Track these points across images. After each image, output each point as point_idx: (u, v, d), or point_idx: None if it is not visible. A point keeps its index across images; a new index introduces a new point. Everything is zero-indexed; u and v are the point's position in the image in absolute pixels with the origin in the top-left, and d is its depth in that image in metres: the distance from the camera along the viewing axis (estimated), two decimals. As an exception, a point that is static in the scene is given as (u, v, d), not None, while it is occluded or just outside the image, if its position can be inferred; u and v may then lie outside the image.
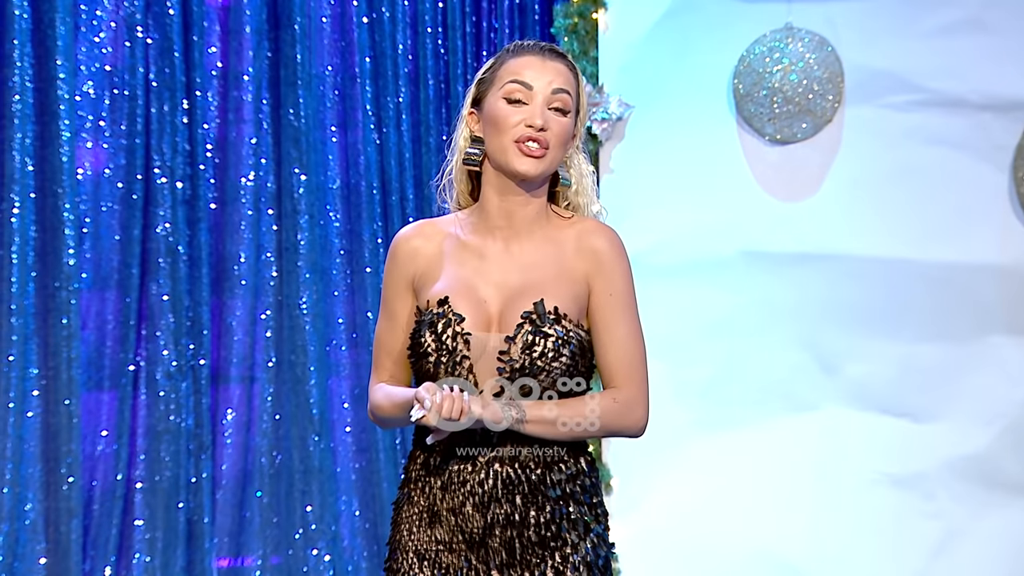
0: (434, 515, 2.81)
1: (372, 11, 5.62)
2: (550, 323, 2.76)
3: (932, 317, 5.45)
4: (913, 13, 5.42)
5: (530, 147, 2.78)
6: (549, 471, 2.79)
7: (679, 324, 5.44)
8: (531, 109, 2.79)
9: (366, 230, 5.59)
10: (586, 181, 2.91)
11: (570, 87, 2.82)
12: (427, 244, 2.87)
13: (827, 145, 5.47)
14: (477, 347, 2.77)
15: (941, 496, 5.45)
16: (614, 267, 2.84)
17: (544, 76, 2.81)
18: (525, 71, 2.81)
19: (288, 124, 5.49)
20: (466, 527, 2.79)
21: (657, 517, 5.46)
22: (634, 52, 5.47)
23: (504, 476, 2.77)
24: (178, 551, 5.30)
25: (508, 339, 2.76)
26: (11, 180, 5.12)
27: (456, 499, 2.79)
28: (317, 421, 5.45)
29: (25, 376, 5.14)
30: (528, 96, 2.80)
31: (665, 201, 5.48)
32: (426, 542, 2.82)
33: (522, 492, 2.77)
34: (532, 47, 2.85)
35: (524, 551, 2.78)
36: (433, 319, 2.78)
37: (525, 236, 2.84)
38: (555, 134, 2.80)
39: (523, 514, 2.77)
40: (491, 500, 2.77)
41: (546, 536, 2.78)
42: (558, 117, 2.81)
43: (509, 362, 2.76)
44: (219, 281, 5.48)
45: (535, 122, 2.78)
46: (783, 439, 5.47)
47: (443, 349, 2.77)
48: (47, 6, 5.17)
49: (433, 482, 2.81)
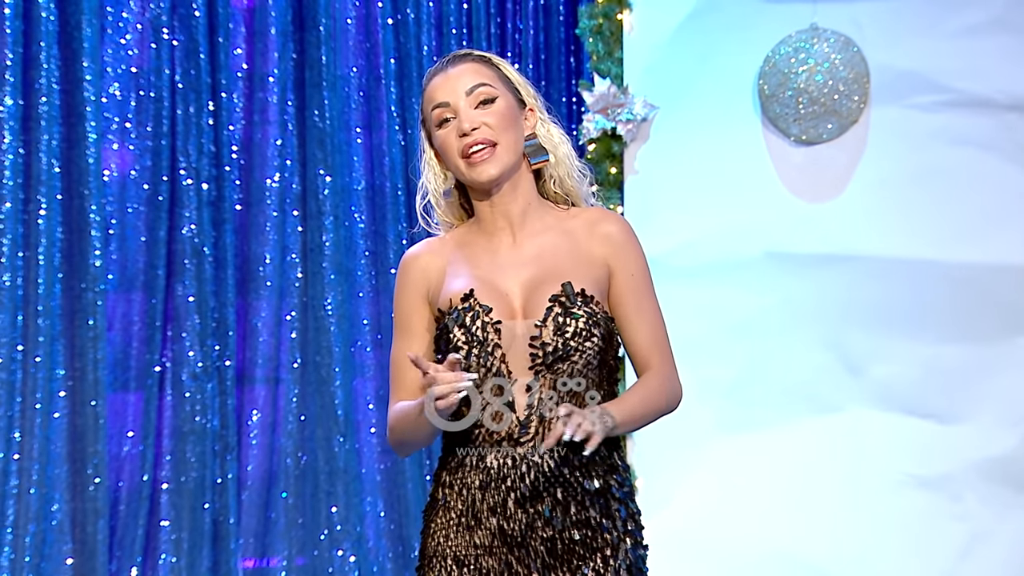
0: (474, 518, 2.79)
1: (397, 12, 5.63)
2: (579, 304, 2.77)
3: (957, 318, 5.43)
4: (939, 13, 5.40)
5: (475, 154, 2.80)
6: (590, 465, 2.79)
7: (703, 325, 5.43)
8: (458, 119, 2.80)
9: (391, 231, 5.60)
10: (561, 149, 2.90)
11: (483, 77, 2.83)
12: (436, 258, 2.88)
13: (852, 146, 5.45)
14: (507, 335, 2.77)
15: (967, 498, 5.42)
16: (630, 249, 2.86)
17: (452, 85, 2.82)
18: (437, 92, 2.83)
19: (313, 125, 5.50)
20: (507, 526, 2.77)
21: (682, 518, 5.45)
22: (659, 53, 5.47)
23: (545, 470, 2.76)
24: (204, 552, 5.31)
25: (538, 324, 2.76)
26: (38, 182, 5.15)
27: (497, 497, 2.77)
28: (342, 422, 5.46)
29: (52, 377, 5.16)
30: (452, 111, 2.81)
31: (690, 202, 5.47)
32: (465, 547, 2.80)
33: (563, 486, 2.77)
34: (436, 68, 2.87)
35: (565, 551, 2.77)
36: (460, 314, 2.78)
37: (529, 230, 2.85)
38: (491, 124, 2.80)
39: (565, 509, 2.76)
40: (533, 495, 2.76)
41: (587, 535, 2.77)
42: (486, 108, 2.81)
43: (541, 347, 2.75)
44: (244, 282, 5.49)
45: (463, 127, 2.79)
46: (807, 440, 5.46)
47: (474, 341, 2.76)
48: (73, 8, 5.19)
49: (471, 482, 2.80)
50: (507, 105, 2.83)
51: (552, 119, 2.91)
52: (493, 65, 2.85)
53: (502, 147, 2.80)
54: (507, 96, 2.83)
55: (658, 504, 5.39)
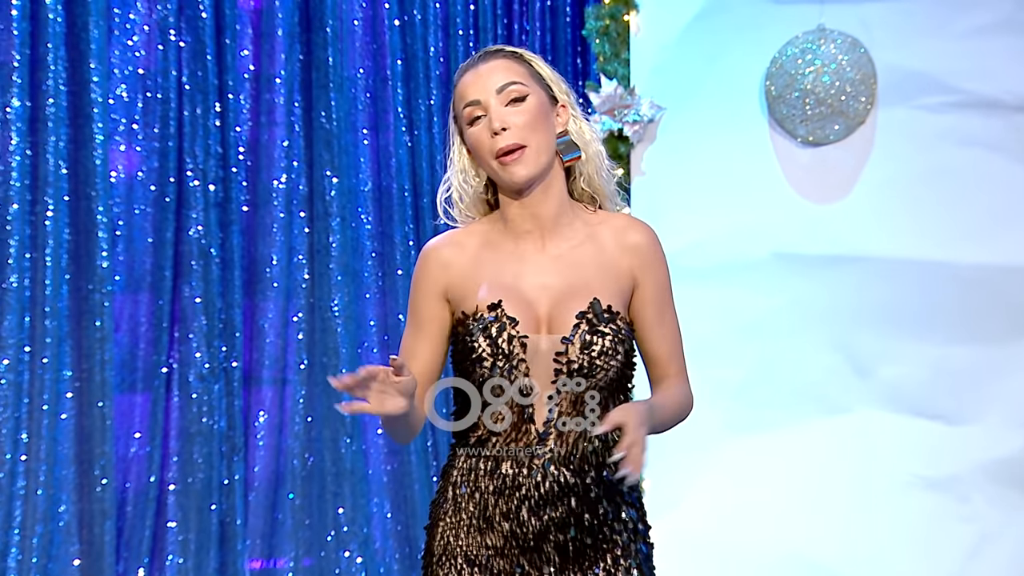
0: (486, 521, 2.79)
1: (404, 14, 5.63)
2: (605, 322, 2.76)
3: (965, 319, 5.43)
4: (946, 14, 5.39)
5: (506, 157, 2.77)
6: (603, 471, 2.79)
7: (711, 326, 5.42)
8: (489, 118, 2.78)
9: (397, 232, 5.60)
10: (593, 146, 2.88)
11: (514, 74, 2.80)
12: (459, 253, 2.84)
13: (860, 147, 5.45)
14: (531, 350, 2.75)
15: (975, 499, 5.42)
16: (656, 259, 2.85)
17: (483, 83, 2.79)
18: (468, 90, 2.80)
19: (320, 127, 5.51)
20: (520, 532, 2.77)
21: (690, 519, 5.45)
22: (666, 54, 5.47)
23: (559, 479, 2.76)
24: (211, 553, 5.32)
25: (565, 340, 2.75)
26: (45, 183, 5.15)
27: (511, 504, 2.77)
28: (349, 423, 5.46)
29: (59, 378, 5.16)
30: (483, 108, 2.79)
31: (697, 203, 5.47)
32: (476, 547, 2.79)
33: (576, 494, 2.77)
34: (467, 64, 2.85)
35: (577, 553, 2.77)
36: (487, 324, 2.76)
37: (557, 234, 2.82)
38: (521, 123, 2.77)
39: (577, 516, 2.77)
40: (546, 504, 2.76)
41: (598, 538, 2.78)
42: (516, 107, 2.78)
43: (567, 363, 2.75)
44: (251, 283, 5.49)
45: (494, 127, 2.76)
46: (816, 441, 5.45)
47: (499, 353, 2.75)
48: (81, 10, 5.19)
49: (484, 487, 2.79)
50: (538, 103, 2.79)
51: (584, 115, 2.88)
52: (525, 61, 2.82)
53: (532, 148, 2.77)
54: (539, 93, 2.80)
55: (667, 505, 5.39)
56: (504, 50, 2.85)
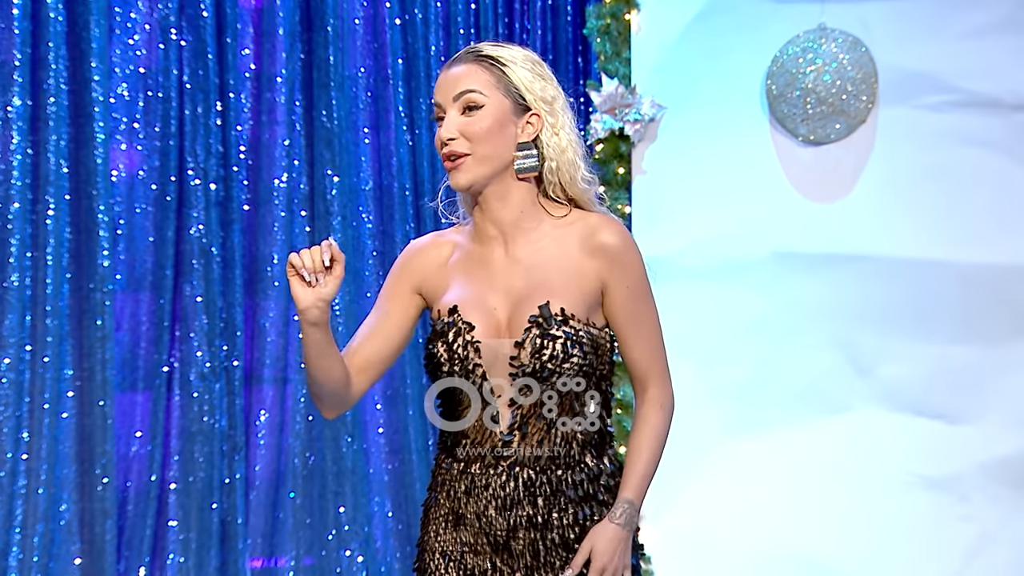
0: (459, 517, 2.83)
1: (405, 13, 5.63)
2: (557, 325, 2.76)
3: (966, 318, 5.43)
4: (947, 14, 5.39)
5: (448, 163, 2.79)
6: (570, 471, 2.80)
7: (711, 325, 5.43)
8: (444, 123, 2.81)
9: (398, 231, 5.60)
10: (566, 155, 2.84)
11: (475, 82, 2.79)
12: (438, 255, 2.88)
13: (860, 146, 5.45)
14: (488, 354, 2.77)
15: (975, 499, 5.42)
16: (626, 260, 2.81)
17: (447, 87, 2.81)
18: (436, 91, 2.83)
19: (321, 126, 5.50)
20: (490, 530, 2.80)
21: (689, 519, 5.45)
22: (667, 53, 5.47)
23: (525, 478, 2.79)
24: (212, 552, 5.32)
25: (517, 344, 2.76)
26: (46, 182, 5.15)
27: (479, 503, 2.81)
28: (350, 422, 5.46)
29: (60, 377, 5.16)
30: (442, 111, 2.81)
31: (698, 202, 5.47)
32: (451, 543, 2.84)
33: (544, 494, 2.79)
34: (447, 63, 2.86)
35: (547, 553, 2.79)
36: (444, 328, 2.79)
37: (522, 238, 2.83)
38: (469, 133, 2.78)
39: (545, 516, 2.79)
40: (513, 503, 2.79)
41: (569, 538, 2.79)
42: (469, 116, 2.78)
43: (520, 367, 2.76)
44: (252, 282, 5.49)
45: (441, 137, 2.79)
46: (816, 441, 5.46)
47: (455, 358, 2.77)
48: (82, 9, 5.19)
49: (458, 487, 2.83)
50: (493, 112, 2.78)
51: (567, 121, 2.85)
52: (497, 67, 2.81)
53: (474, 158, 2.78)
54: (499, 102, 2.79)
55: (666, 506, 5.39)
56: (480, 52, 2.83)
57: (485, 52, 2.83)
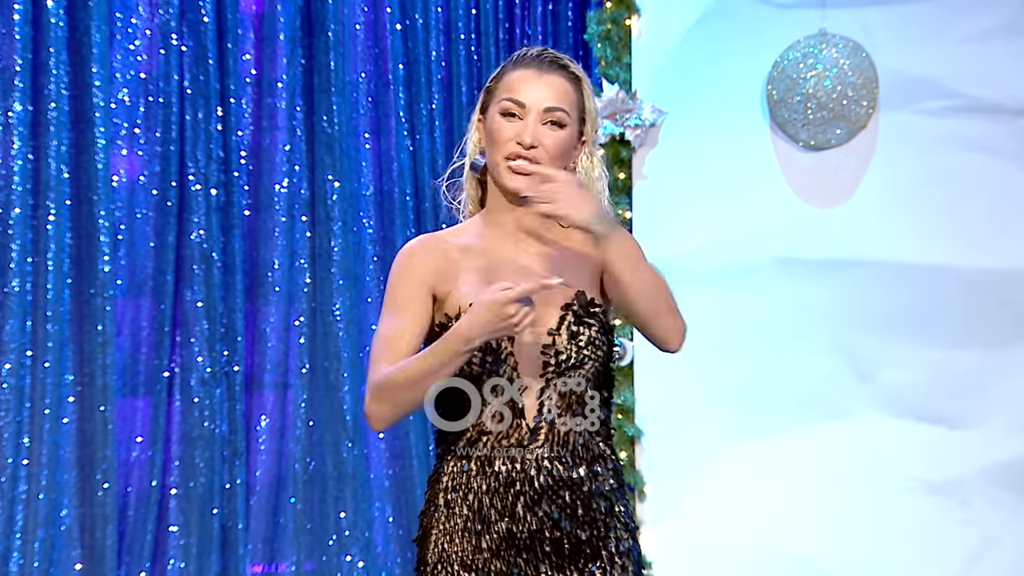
0: (481, 522, 2.79)
1: (405, 18, 5.63)
2: (591, 312, 2.78)
3: (967, 323, 5.42)
4: (948, 18, 5.39)
5: (519, 165, 2.77)
6: (594, 465, 2.80)
7: (713, 330, 5.42)
8: (523, 125, 2.78)
9: (399, 236, 5.60)
10: (596, 185, 2.88)
11: (566, 103, 2.80)
12: (438, 255, 2.85)
13: (861, 151, 5.45)
14: (517, 344, 2.76)
15: (977, 503, 5.41)
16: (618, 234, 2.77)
17: (537, 92, 2.79)
18: (520, 87, 2.80)
19: (321, 131, 5.51)
20: (516, 529, 2.77)
21: (691, 523, 5.45)
22: (667, 58, 5.47)
23: (553, 473, 2.77)
24: (212, 557, 5.31)
25: (552, 332, 2.76)
26: (47, 187, 5.15)
27: (506, 501, 2.77)
28: (351, 427, 5.46)
29: (60, 382, 5.16)
30: (522, 112, 2.79)
31: (698, 207, 5.47)
32: (472, 552, 2.79)
33: (570, 487, 2.78)
34: (531, 59, 2.83)
35: (572, 550, 2.78)
36: None
37: (536, 237, 2.85)
38: (548, 148, 2.78)
39: (572, 511, 2.77)
40: (541, 498, 2.77)
41: (593, 535, 2.78)
42: (552, 131, 2.79)
43: (555, 355, 2.76)
44: (253, 288, 5.49)
45: (524, 140, 2.77)
46: (817, 446, 5.45)
47: (488, 348, 2.75)
48: (83, 14, 5.19)
49: (477, 487, 2.79)
50: (569, 136, 2.81)
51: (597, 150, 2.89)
52: (581, 90, 2.84)
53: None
54: (573, 127, 2.82)
55: (668, 510, 5.39)
56: (569, 68, 2.84)
57: (572, 69, 2.85)
